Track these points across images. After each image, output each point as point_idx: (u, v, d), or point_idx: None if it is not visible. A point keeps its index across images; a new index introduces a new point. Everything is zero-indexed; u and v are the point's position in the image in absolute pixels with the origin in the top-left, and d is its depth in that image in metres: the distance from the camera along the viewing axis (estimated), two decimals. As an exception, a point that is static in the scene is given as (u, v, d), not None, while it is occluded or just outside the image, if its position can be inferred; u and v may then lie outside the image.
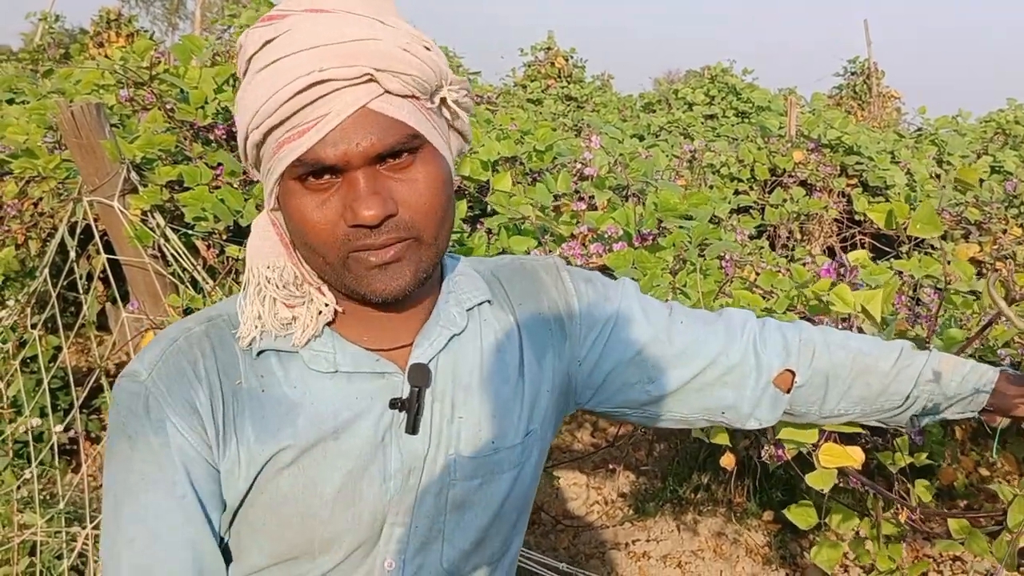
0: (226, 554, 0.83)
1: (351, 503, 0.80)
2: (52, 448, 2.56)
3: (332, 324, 0.84)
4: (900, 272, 1.91)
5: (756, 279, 1.83)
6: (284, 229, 0.82)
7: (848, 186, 4.11)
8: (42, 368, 2.51)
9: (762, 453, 1.27)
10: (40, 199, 2.32)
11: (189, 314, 1.99)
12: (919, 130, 6.00)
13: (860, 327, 1.33)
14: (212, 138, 2.18)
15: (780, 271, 1.89)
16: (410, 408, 0.81)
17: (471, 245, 1.99)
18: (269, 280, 0.82)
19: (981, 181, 4.07)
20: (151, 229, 2.01)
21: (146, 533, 0.76)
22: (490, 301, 0.90)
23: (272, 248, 0.83)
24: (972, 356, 1.23)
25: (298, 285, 0.82)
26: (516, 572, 1.00)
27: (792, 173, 4.02)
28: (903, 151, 4.44)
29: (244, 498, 0.79)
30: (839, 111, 5.45)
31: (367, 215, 0.72)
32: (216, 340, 0.82)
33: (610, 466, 3.58)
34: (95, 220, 2.10)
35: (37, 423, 2.62)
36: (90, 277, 2.32)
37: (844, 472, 1.22)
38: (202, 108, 2.15)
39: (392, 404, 0.81)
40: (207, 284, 2.02)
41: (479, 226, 2.06)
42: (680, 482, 3.35)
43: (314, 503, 0.79)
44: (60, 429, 2.62)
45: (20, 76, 3.71)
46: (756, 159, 4.07)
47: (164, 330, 0.84)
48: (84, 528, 2.20)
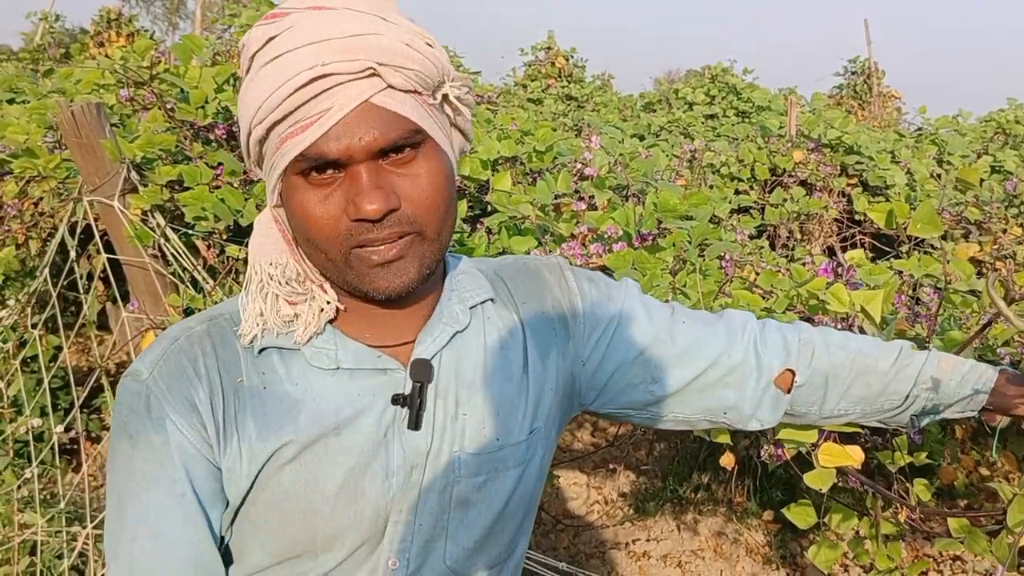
0: (228, 554, 0.83)
1: (353, 500, 0.80)
2: (52, 448, 2.56)
3: (334, 321, 0.84)
4: (900, 272, 1.91)
5: (756, 279, 1.83)
6: (287, 226, 0.82)
7: (848, 186, 4.11)
8: (42, 368, 2.52)
9: (762, 453, 1.27)
10: (40, 199, 2.33)
11: (189, 314, 2.00)
12: (919, 130, 6.00)
13: (860, 327, 1.33)
14: (212, 138, 2.18)
15: (780, 271, 1.89)
16: (412, 404, 0.81)
17: (471, 245, 1.99)
18: (272, 277, 0.82)
19: (981, 181, 4.07)
20: (151, 229, 2.01)
21: (147, 531, 0.77)
22: (493, 300, 0.90)
23: (275, 245, 0.83)
24: (972, 355, 1.23)
25: (300, 282, 0.82)
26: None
27: (792, 173, 4.02)
28: (903, 151, 4.44)
29: (246, 495, 0.79)
30: (839, 111, 5.45)
31: (370, 209, 0.72)
32: (217, 338, 0.82)
33: (610, 466, 3.58)
34: (95, 220, 2.10)
35: (37, 423, 2.62)
36: (90, 277, 2.32)
37: (843, 471, 1.22)
38: (202, 108, 2.15)
39: (394, 400, 0.81)
40: (207, 284, 2.02)
41: (479, 226, 2.06)
42: (680, 482, 3.35)
43: (316, 499, 0.79)
44: (60, 429, 2.62)
45: (20, 76, 3.71)
46: (756, 159, 4.07)
47: (167, 330, 0.84)
48: (84, 528, 2.20)
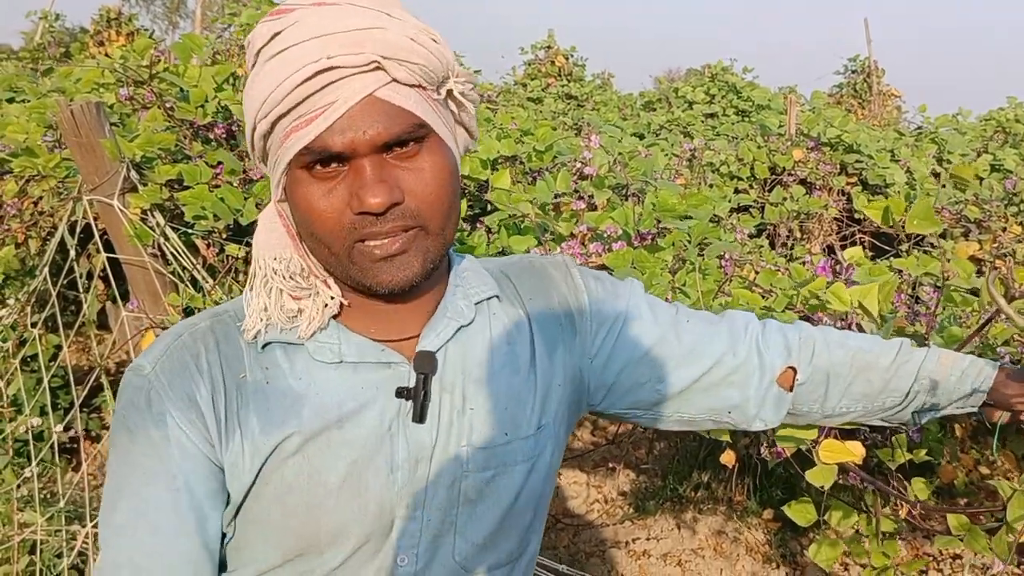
0: (233, 556, 0.83)
1: (357, 493, 0.79)
2: (52, 447, 2.56)
3: (338, 317, 0.84)
4: (899, 270, 1.91)
5: (755, 278, 1.83)
6: (291, 220, 0.82)
7: (848, 184, 4.11)
8: (42, 367, 2.52)
9: (762, 450, 1.27)
10: (40, 198, 2.33)
11: (189, 313, 2.01)
12: (919, 128, 6.01)
13: (859, 324, 1.33)
14: (212, 137, 2.18)
15: (779, 270, 1.89)
16: (416, 396, 0.80)
17: (471, 244, 1.99)
18: (276, 271, 0.82)
19: (980, 179, 4.07)
20: (151, 228, 2.01)
21: (142, 525, 0.77)
22: (498, 297, 0.90)
23: (279, 240, 0.82)
24: (972, 354, 1.23)
25: (304, 277, 0.82)
26: None
27: (792, 172, 4.02)
28: (903, 149, 4.44)
29: (249, 490, 0.79)
30: (839, 109, 5.45)
31: (373, 202, 0.72)
32: (221, 334, 0.82)
33: (610, 464, 3.57)
34: (95, 219, 2.10)
35: (37, 422, 2.62)
36: (90, 276, 2.32)
37: (844, 468, 1.22)
38: (202, 107, 2.15)
39: (398, 393, 0.80)
40: (207, 283, 2.02)
41: (479, 225, 2.06)
42: (680, 480, 3.35)
43: (319, 492, 0.79)
44: (60, 428, 2.62)
45: (20, 75, 3.71)
46: (756, 158, 4.07)
47: (172, 326, 0.85)
48: (84, 527, 2.20)
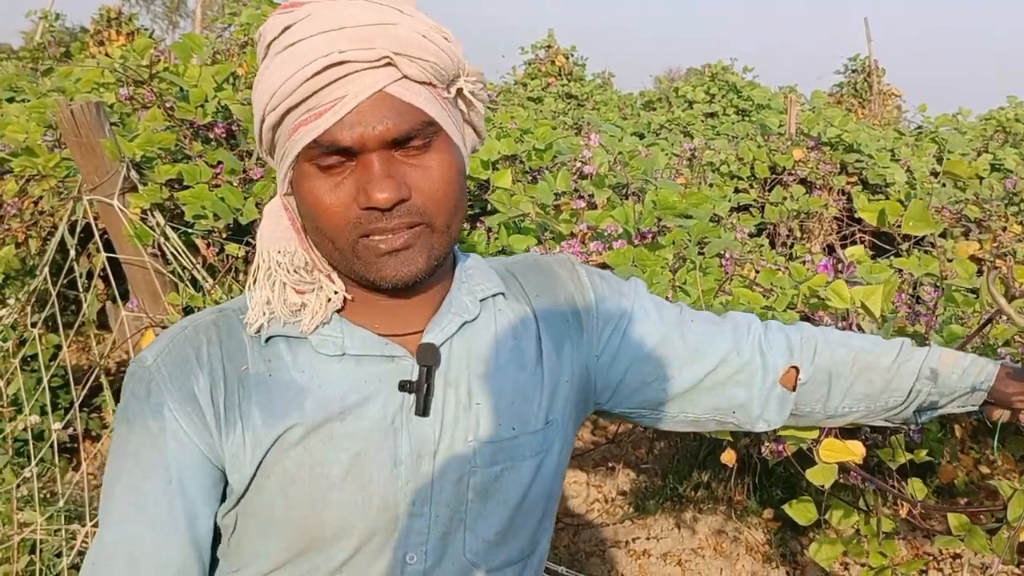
0: (236, 557, 0.83)
1: (360, 487, 0.79)
2: (52, 446, 2.56)
3: (341, 311, 0.83)
4: (900, 270, 1.91)
5: (756, 277, 1.83)
6: (296, 214, 0.82)
7: (848, 184, 4.11)
8: (42, 366, 2.52)
9: (762, 449, 1.27)
10: (40, 197, 2.33)
11: (189, 312, 2.01)
12: (919, 128, 6.01)
13: (859, 324, 1.33)
14: (212, 136, 2.18)
15: (780, 269, 1.89)
16: (419, 389, 0.80)
17: (471, 242, 1.99)
18: (280, 264, 0.82)
19: (981, 179, 4.07)
20: (151, 227, 2.01)
21: (136, 516, 0.77)
22: (504, 294, 0.90)
23: (284, 233, 0.82)
24: (972, 354, 1.22)
25: (308, 271, 0.82)
26: None
27: (792, 171, 4.02)
28: (903, 149, 4.44)
29: (251, 482, 0.79)
30: (839, 109, 5.45)
31: (380, 197, 0.72)
32: (224, 328, 0.83)
33: (610, 464, 3.57)
34: (95, 218, 2.10)
35: (37, 421, 2.62)
36: (90, 275, 2.32)
37: (844, 468, 1.22)
38: (202, 107, 2.15)
39: (401, 387, 0.80)
40: (207, 283, 2.02)
41: (479, 224, 2.06)
42: (680, 480, 3.34)
43: (322, 484, 0.78)
44: (60, 427, 2.62)
45: (20, 75, 3.71)
46: (756, 157, 4.07)
47: (178, 321, 0.85)
48: (84, 526, 2.20)
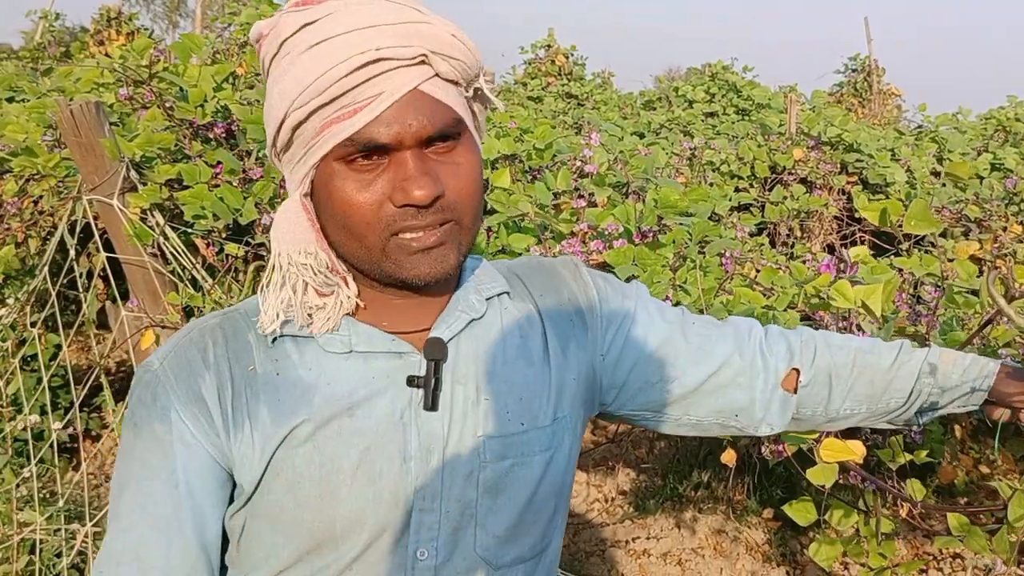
0: (244, 554, 0.83)
1: (370, 481, 0.79)
2: (52, 446, 2.56)
3: (349, 312, 0.83)
4: (900, 270, 1.91)
5: (756, 276, 1.83)
6: (314, 215, 0.81)
7: (848, 183, 4.12)
8: (42, 366, 2.52)
9: (763, 449, 1.26)
10: (40, 197, 2.33)
11: (189, 312, 2.00)
12: (919, 127, 6.01)
13: (859, 324, 1.33)
14: (211, 136, 2.18)
15: (780, 268, 1.89)
16: (427, 384, 0.80)
17: (471, 243, 1.98)
18: (305, 266, 0.81)
19: (981, 179, 4.07)
20: (150, 227, 2.01)
21: (143, 520, 0.77)
22: (509, 293, 0.90)
23: (303, 235, 0.81)
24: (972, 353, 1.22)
25: (330, 272, 0.81)
26: None
27: (792, 170, 4.02)
28: (903, 148, 4.44)
29: (260, 482, 0.79)
30: (839, 108, 5.45)
31: (419, 194, 0.72)
32: (229, 330, 0.82)
33: (610, 464, 3.57)
34: (95, 218, 2.10)
35: (37, 421, 2.62)
36: (90, 275, 2.32)
37: (844, 467, 1.22)
38: (201, 106, 2.15)
39: (409, 382, 0.80)
40: (206, 282, 2.02)
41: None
42: (680, 480, 3.34)
43: (332, 480, 0.78)
44: (60, 427, 2.62)
45: (20, 74, 3.71)
46: (756, 156, 4.07)
47: (185, 325, 0.85)
48: (84, 526, 2.20)
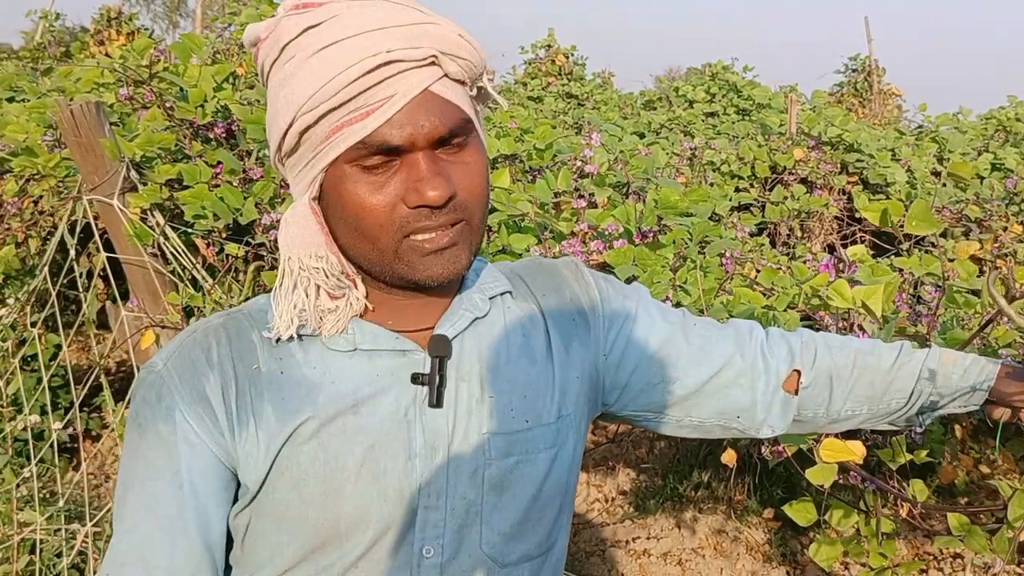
0: (249, 554, 0.83)
1: (375, 479, 0.79)
2: (52, 446, 2.56)
3: (357, 314, 0.84)
4: (900, 270, 1.91)
5: (756, 276, 1.83)
6: (323, 218, 0.80)
7: (849, 183, 4.11)
8: (42, 366, 2.52)
9: (763, 449, 1.26)
10: (40, 197, 2.33)
11: (189, 312, 2.00)
12: (920, 127, 6.01)
13: (860, 325, 1.33)
14: (211, 136, 2.18)
15: (781, 268, 1.89)
16: (432, 381, 0.80)
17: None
18: (317, 269, 0.81)
19: (981, 179, 4.07)
20: (150, 227, 2.01)
21: (148, 520, 0.78)
22: (511, 293, 0.91)
23: (313, 238, 0.81)
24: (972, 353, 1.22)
25: (340, 276, 0.81)
26: None
27: (792, 171, 4.02)
28: (904, 148, 4.44)
29: (265, 480, 0.79)
30: (840, 108, 5.45)
31: (433, 195, 0.72)
32: (233, 330, 0.83)
33: (610, 463, 3.57)
34: (95, 218, 2.10)
35: (37, 421, 2.62)
36: (90, 275, 2.32)
37: (844, 468, 1.22)
38: (201, 106, 2.15)
39: (414, 379, 0.80)
40: (207, 282, 2.02)
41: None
42: (680, 480, 3.34)
43: (336, 478, 0.78)
44: (60, 427, 2.62)
45: (20, 74, 3.71)
46: (756, 156, 4.07)
47: (188, 326, 0.85)
48: (84, 526, 2.20)
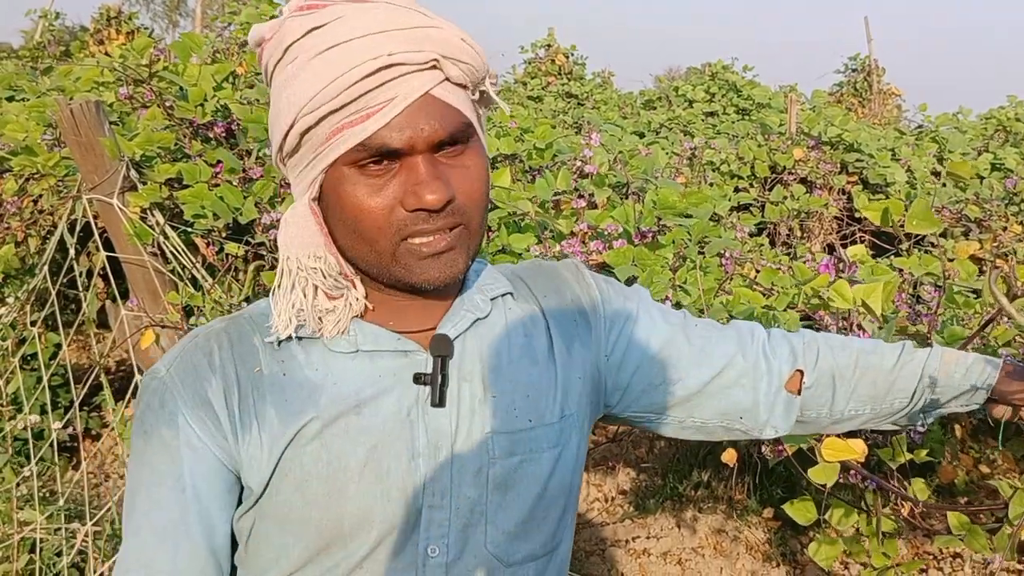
0: (252, 557, 0.83)
1: (378, 479, 0.79)
2: (52, 445, 2.56)
3: (357, 314, 0.84)
4: (900, 270, 1.91)
5: (756, 276, 1.83)
6: (322, 219, 0.81)
7: (848, 183, 4.11)
8: (42, 365, 2.52)
9: (763, 449, 1.26)
10: (40, 196, 2.33)
11: (189, 312, 2.00)
12: (920, 127, 6.01)
13: (860, 324, 1.33)
14: (211, 135, 2.18)
15: (780, 268, 1.89)
16: (434, 380, 0.80)
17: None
18: (315, 269, 0.81)
19: (981, 178, 4.07)
20: (150, 227, 2.01)
21: (151, 525, 0.78)
22: (512, 294, 0.91)
23: (312, 239, 0.81)
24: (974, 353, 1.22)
25: (339, 276, 0.82)
26: None
27: (792, 170, 4.02)
28: (904, 148, 4.44)
29: (268, 483, 0.79)
30: (840, 108, 5.45)
31: (431, 199, 0.72)
32: (235, 334, 0.83)
33: (610, 463, 3.57)
34: (95, 217, 2.10)
35: (37, 420, 2.62)
36: (90, 274, 2.32)
37: (845, 467, 1.22)
38: (201, 106, 2.14)
39: (416, 379, 0.81)
40: (206, 282, 2.02)
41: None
42: (680, 479, 3.34)
43: (340, 478, 0.78)
44: (60, 426, 2.62)
45: (20, 73, 3.71)
46: (756, 156, 4.07)
47: (191, 331, 0.85)
48: (84, 525, 2.20)
